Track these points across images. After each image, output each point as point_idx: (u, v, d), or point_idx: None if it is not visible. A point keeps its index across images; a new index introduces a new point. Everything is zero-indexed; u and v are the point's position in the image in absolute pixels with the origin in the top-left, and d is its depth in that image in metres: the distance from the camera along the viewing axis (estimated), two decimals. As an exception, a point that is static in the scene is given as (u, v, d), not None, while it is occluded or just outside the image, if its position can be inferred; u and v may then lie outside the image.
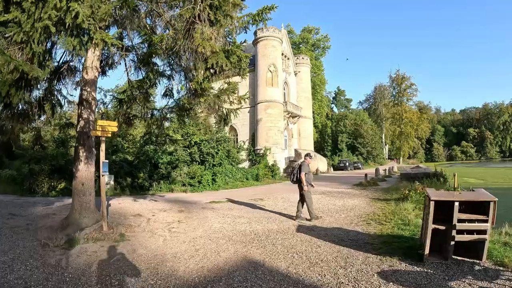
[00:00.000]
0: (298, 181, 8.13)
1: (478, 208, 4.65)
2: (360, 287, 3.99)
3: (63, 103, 7.43)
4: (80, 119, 6.55)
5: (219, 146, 18.15)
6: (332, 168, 37.17)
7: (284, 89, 32.62)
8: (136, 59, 8.13)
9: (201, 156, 16.91)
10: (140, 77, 8.39)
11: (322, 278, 4.30)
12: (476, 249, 4.63)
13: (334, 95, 71.91)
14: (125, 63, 8.43)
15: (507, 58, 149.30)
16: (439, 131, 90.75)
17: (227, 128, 23.55)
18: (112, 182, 13.00)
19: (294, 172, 8.25)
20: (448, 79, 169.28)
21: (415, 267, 4.51)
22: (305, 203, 8.16)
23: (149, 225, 7.23)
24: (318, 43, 51.61)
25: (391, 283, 4.02)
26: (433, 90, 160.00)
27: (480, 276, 4.15)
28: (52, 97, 7.07)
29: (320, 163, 33.51)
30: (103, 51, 6.81)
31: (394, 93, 45.32)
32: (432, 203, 4.54)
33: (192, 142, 16.55)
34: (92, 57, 6.38)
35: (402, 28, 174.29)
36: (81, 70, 7.85)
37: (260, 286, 4.06)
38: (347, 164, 38.91)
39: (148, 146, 15.35)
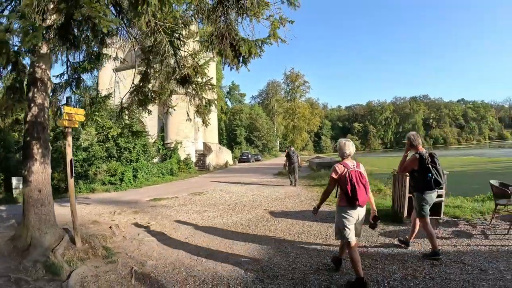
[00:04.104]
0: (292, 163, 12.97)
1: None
2: (380, 243, 5.05)
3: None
4: (33, 105, 4.94)
5: (135, 140, 16.37)
6: (237, 160, 38.44)
7: (190, 81, 31.57)
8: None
9: (118, 151, 14.88)
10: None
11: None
12: (436, 209, 6.13)
13: (228, 89, 73.93)
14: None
15: (389, 60, 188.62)
16: (327, 125, 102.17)
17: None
18: (21, 186, 10.05)
19: (292, 156, 13.09)
20: (333, 80, 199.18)
21: (401, 227, 5.83)
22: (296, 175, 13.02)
23: (122, 231, 6.14)
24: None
25: (397, 239, 5.10)
26: (321, 88, 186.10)
27: (446, 225, 5.82)
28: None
29: (226, 156, 34.22)
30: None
31: (288, 89, 49.69)
32: (407, 178, 5.83)
33: (109, 136, 14.32)
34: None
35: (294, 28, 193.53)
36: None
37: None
38: (249, 156, 40.96)
39: (60, 142, 12.44)
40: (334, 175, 3.57)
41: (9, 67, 3.08)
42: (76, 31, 2.92)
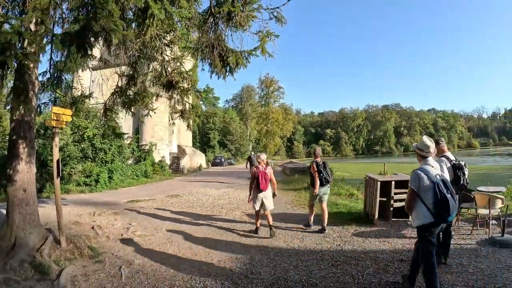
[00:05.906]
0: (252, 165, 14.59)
1: (402, 185, 6.67)
2: (353, 242, 5.48)
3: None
4: (20, 104, 4.94)
5: (111, 141, 16.05)
6: (210, 164, 38.31)
7: (166, 83, 31.26)
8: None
9: (93, 152, 14.53)
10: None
11: (331, 242, 5.58)
12: (405, 212, 6.62)
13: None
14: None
15: (365, 69, 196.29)
16: (299, 131, 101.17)
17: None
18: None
19: (252, 160, 15.51)
20: (307, 86, 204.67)
21: (373, 228, 6.30)
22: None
23: (105, 232, 6.18)
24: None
25: (369, 238, 5.63)
26: (294, 93, 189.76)
27: (414, 227, 6.18)
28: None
29: (200, 159, 34.06)
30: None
31: (262, 94, 49.95)
32: (379, 183, 6.40)
33: (85, 136, 13.94)
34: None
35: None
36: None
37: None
38: (222, 160, 40.98)
39: (35, 140, 11.92)
40: (252, 173, 6.09)
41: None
42: (90, 39, 3.09)
